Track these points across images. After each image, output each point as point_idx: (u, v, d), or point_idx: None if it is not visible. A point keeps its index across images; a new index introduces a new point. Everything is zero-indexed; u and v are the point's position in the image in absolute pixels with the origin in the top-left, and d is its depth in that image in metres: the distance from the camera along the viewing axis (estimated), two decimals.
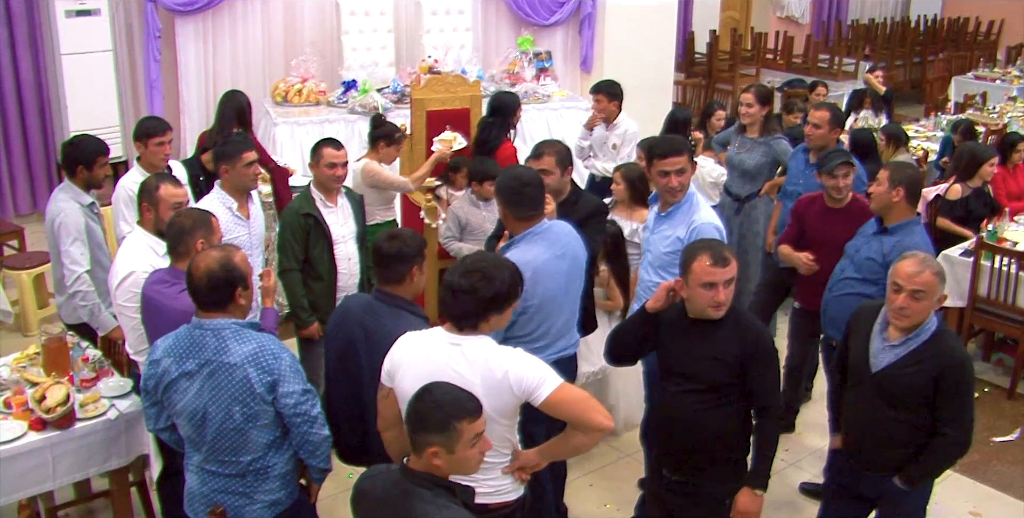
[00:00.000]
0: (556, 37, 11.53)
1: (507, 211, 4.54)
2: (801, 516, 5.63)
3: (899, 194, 5.07)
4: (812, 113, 6.46)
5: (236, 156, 5.34)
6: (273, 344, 3.74)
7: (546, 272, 4.43)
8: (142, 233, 4.83)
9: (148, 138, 5.83)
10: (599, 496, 5.72)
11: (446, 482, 3.05)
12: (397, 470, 3.11)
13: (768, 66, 15.42)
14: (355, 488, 3.22)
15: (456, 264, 3.57)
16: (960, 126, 9.36)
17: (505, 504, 3.63)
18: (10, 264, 7.62)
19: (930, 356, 4.02)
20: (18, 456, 4.39)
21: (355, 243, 5.75)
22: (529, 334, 4.48)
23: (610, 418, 3.49)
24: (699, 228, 4.78)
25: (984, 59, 15.74)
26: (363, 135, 9.03)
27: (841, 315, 5.23)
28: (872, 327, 4.21)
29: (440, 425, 2.96)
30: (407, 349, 3.56)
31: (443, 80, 7.89)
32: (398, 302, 4.07)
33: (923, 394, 4.05)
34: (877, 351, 4.15)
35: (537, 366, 3.47)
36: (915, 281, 3.95)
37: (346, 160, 5.69)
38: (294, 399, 3.70)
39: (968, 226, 7.55)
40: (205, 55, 9.98)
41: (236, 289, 3.74)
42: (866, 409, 4.21)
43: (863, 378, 4.21)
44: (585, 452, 3.83)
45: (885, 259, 5.05)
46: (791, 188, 6.55)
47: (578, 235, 4.68)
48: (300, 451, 3.85)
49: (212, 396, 3.68)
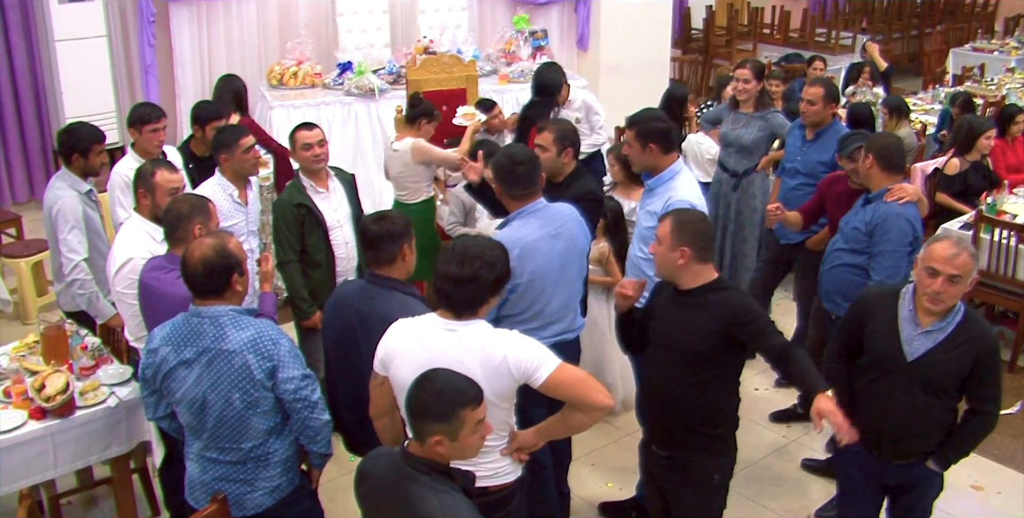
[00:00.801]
0: (552, 15, 11.46)
1: (501, 188, 4.56)
2: (804, 492, 5.66)
3: (870, 161, 5.09)
4: (806, 89, 6.41)
5: (234, 143, 5.34)
6: (271, 329, 3.74)
7: (537, 250, 4.42)
8: (139, 219, 4.82)
9: (142, 125, 5.82)
10: (601, 475, 5.74)
11: (445, 467, 3.05)
12: (398, 453, 3.11)
13: (765, 41, 15.35)
14: (357, 469, 3.24)
15: (447, 253, 3.51)
16: (958, 99, 9.33)
17: (504, 486, 3.64)
18: (8, 252, 7.61)
19: (968, 338, 3.93)
20: (18, 445, 4.40)
21: (351, 226, 5.68)
22: (521, 313, 4.48)
23: (609, 396, 3.50)
24: (674, 204, 4.75)
25: (982, 31, 15.69)
26: (359, 116, 9.06)
27: (833, 287, 5.28)
28: (895, 313, 4.05)
29: (443, 414, 2.96)
30: (401, 337, 3.54)
31: (439, 60, 7.89)
32: (391, 284, 4.05)
33: (960, 376, 3.98)
34: (910, 338, 4.00)
35: (535, 348, 3.46)
36: (953, 264, 3.81)
37: (321, 138, 5.57)
38: (294, 384, 3.70)
39: (967, 200, 7.53)
40: (200, 39, 9.92)
41: (232, 275, 3.74)
42: (901, 398, 4.05)
43: (896, 367, 4.03)
44: (584, 431, 3.84)
45: (867, 227, 5.10)
46: (789, 165, 6.53)
47: (580, 219, 4.67)
48: (300, 437, 3.85)
49: (211, 384, 3.68)
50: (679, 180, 4.89)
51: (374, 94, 9.04)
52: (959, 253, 3.82)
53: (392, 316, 3.69)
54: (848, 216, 5.31)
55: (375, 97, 9.05)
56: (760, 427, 6.26)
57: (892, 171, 5.12)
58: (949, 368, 3.96)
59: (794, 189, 6.39)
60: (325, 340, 4.33)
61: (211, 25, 9.91)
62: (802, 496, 5.63)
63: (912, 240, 5.07)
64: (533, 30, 10.69)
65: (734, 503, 5.48)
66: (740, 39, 15.10)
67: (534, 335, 4.45)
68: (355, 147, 9.03)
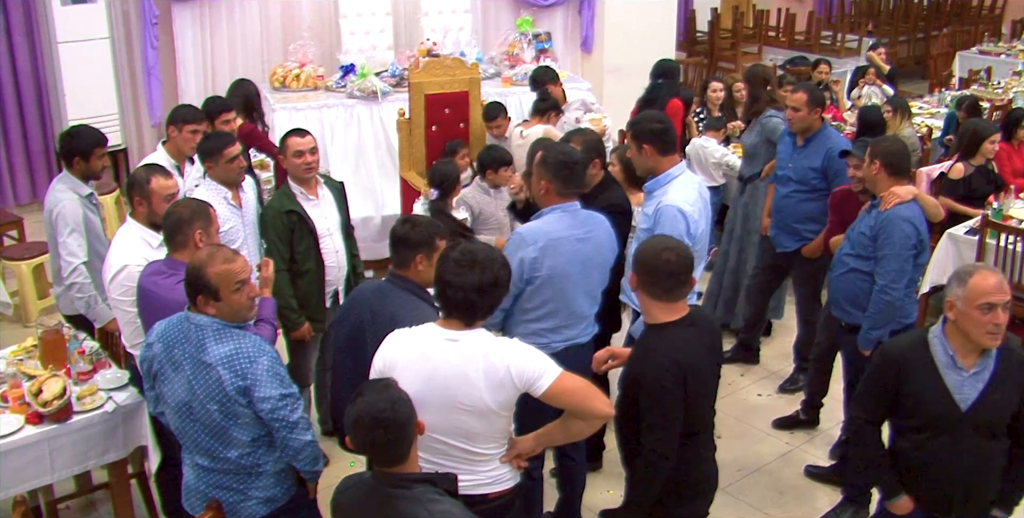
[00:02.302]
0: (556, 17, 11.43)
1: (552, 184, 4.52)
2: (807, 500, 5.61)
3: (877, 167, 5.05)
4: (789, 96, 6.31)
5: (218, 152, 5.32)
6: (252, 346, 3.65)
7: (560, 247, 4.43)
8: (135, 225, 4.79)
9: (184, 124, 5.84)
10: (604, 482, 5.70)
11: (425, 476, 3.04)
12: (369, 478, 3.07)
13: (770, 44, 15.30)
14: (332, 503, 3.19)
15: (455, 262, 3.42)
16: (964, 102, 9.28)
17: (504, 492, 3.63)
18: (9, 254, 7.59)
19: (1011, 368, 3.73)
20: (15, 450, 4.38)
21: (340, 234, 5.62)
22: (535, 309, 4.48)
23: (610, 405, 3.49)
24: (661, 209, 4.75)
25: (988, 33, 15.62)
26: (361, 119, 9.03)
27: (841, 294, 5.23)
28: (932, 362, 3.75)
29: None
30: (400, 348, 3.49)
31: (441, 63, 7.85)
32: (409, 287, 3.99)
33: (1012, 412, 3.76)
34: (959, 385, 3.72)
35: (536, 357, 3.43)
36: (1004, 290, 3.60)
37: (313, 146, 5.49)
38: (270, 404, 3.62)
39: (972, 204, 7.49)
40: (203, 41, 9.90)
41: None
42: (966, 453, 3.76)
43: (952, 420, 3.73)
44: (584, 438, 3.79)
45: (872, 232, 5.06)
46: (781, 172, 6.45)
47: (611, 230, 4.66)
48: (282, 454, 3.77)
49: (193, 392, 3.65)
50: (675, 184, 4.84)
51: (377, 97, 9.01)
52: (998, 276, 3.65)
53: (399, 317, 3.68)
54: (856, 222, 5.28)
55: (378, 100, 9.01)
56: (763, 434, 6.22)
57: (899, 176, 5.08)
58: (1005, 406, 3.73)
59: (787, 196, 6.34)
60: (336, 334, 4.30)
61: (214, 27, 9.90)
62: (805, 503, 5.58)
63: (916, 243, 5.02)
64: (537, 33, 10.65)
65: (737, 511, 5.47)
66: (745, 42, 15.06)
67: (548, 337, 4.48)
68: (357, 150, 8.99)
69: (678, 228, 4.67)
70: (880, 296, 5.03)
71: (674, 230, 4.63)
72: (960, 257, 7.12)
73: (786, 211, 6.27)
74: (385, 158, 8.93)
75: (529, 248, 4.37)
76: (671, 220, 4.69)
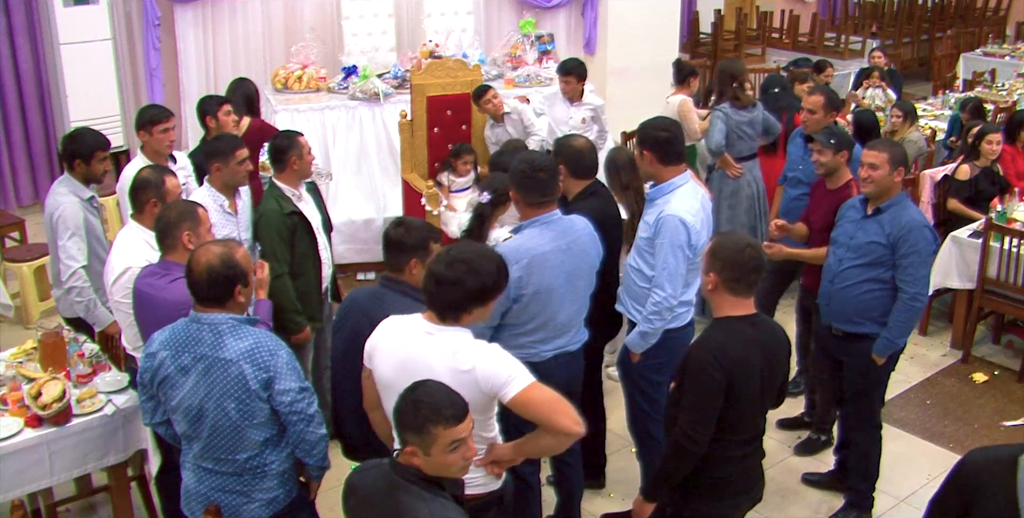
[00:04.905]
0: (559, 19, 11.40)
1: (518, 195, 4.49)
2: (802, 505, 5.60)
3: (900, 175, 4.99)
4: (806, 98, 6.34)
5: (229, 154, 5.31)
6: (270, 341, 3.70)
7: (546, 263, 4.37)
8: (137, 227, 4.78)
9: (152, 125, 5.79)
10: (607, 486, 5.69)
11: (436, 477, 3.01)
12: (387, 464, 3.07)
13: (774, 45, 15.28)
14: (346, 482, 3.18)
15: (441, 254, 3.50)
16: (968, 104, 9.27)
17: (476, 496, 3.53)
18: (11, 256, 7.58)
19: None
20: (14, 453, 4.37)
21: (324, 231, 5.67)
22: (524, 324, 4.42)
23: (579, 423, 3.35)
24: (663, 218, 4.68)
25: (993, 35, 15.57)
26: (363, 121, 9.01)
27: (849, 307, 5.08)
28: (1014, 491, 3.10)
29: (415, 427, 2.92)
30: (385, 334, 3.55)
31: (444, 65, 7.83)
32: (404, 289, 3.99)
33: None
34: None
35: (508, 363, 3.38)
36: None
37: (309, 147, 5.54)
38: (290, 397, 3.65)
39: (977, 205, 7.47)
40: (205, 43, 9.89)
41: (236, 286, 3.70)
42: None
43: None
44: (554, 454, 3.72)
45: (889, 240, 4.95)
46: (791, 174, 6.45)
47: (594, 233, 4.61)
48: (296, 449, 3.80)
49: (207, 392, 3.64)
50: (677, 194, 4.75)
51: (379, 98, 8.98)
52: None
53: None
54: (849, 230, 5.12)
55: (380, 101, 8.99)
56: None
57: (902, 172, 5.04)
58: None
59: (796, 199, 6.33)
60: (335, 342, 4.29)
61: (216, 28, 9.90)
62: (807, 507, 5.57)
63: (935, 248, 5.05)
64: (540, 34, 10.62)
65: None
66: (749, 43, 15.03)
67: (536, 348, 4.44)
68: (359, 152, 8.97)
69: (679, 238, 4.62)
70: (911, 304, 4.92)
71: (675, 240, 4.61)
72: (964, 260, 7.10)
73: (795, 214, 6.23)
74: (387, 160, 8.91)
75: (514, 267, 4.18)
76: (672, 230, 4.63)
